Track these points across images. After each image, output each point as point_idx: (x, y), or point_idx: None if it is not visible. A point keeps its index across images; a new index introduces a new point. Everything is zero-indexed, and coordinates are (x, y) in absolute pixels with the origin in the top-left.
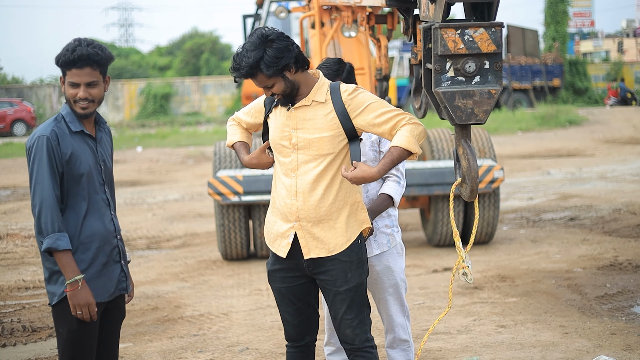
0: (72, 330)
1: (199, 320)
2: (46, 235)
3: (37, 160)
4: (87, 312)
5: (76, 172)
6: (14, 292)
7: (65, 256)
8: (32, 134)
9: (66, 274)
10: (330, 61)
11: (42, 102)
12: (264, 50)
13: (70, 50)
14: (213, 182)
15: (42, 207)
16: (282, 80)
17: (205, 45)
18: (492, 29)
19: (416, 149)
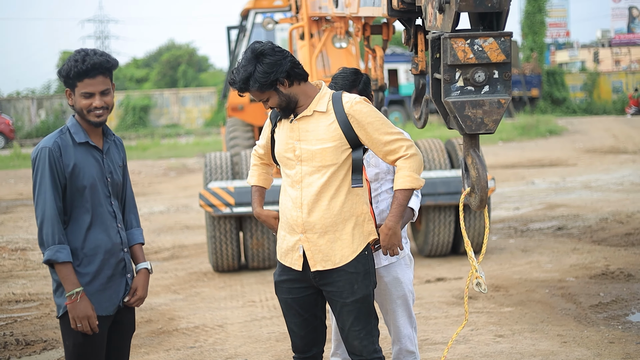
0: (78, 343)
1: (194, 332)
2: (47, 247)
3: (40, 172)
4: (87, 324)
5: (79, 184)
6: (4, 305)
7: (65, 268)
8: (36, 146)
9: (65, 286)
10: (347, 71)
11: (20, 114)
12: (255, 66)
13: (80, 60)
14: (204, 193)
15: (43, 219)
16: (276, 94)
17: (182, 57)
18: (502, 39)
19: (419, 183)
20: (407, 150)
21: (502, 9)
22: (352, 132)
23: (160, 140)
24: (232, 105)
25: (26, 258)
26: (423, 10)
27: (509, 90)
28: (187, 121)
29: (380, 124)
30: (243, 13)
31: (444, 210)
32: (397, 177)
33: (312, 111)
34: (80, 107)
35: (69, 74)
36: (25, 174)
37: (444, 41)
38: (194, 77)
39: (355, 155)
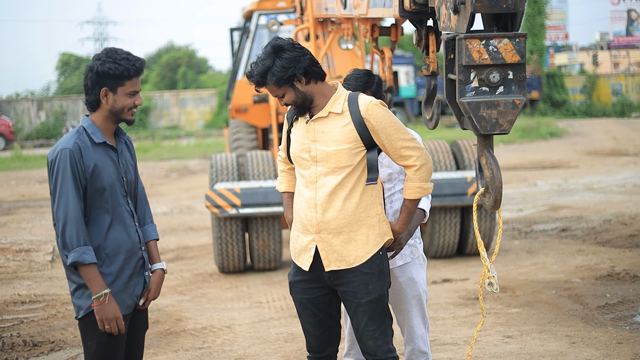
0: (102, 343)
1: (202, 333)
2: (71, 249)
3: (61, 174)
4: (115, 326)
5: (99, 184)
6: (10, 306)
7: (91, 270)
8: (54, 147)
9: (92, 288)
10: (360, 72)
11: (20, 116)
12: (274, 60)
13: (122, 62)
14: (211, 194)
15: (66, 221)
16: (292, 91)
17: (182, 59)
18: (517, 40)
19: (426, 192)
20: (417, 160)
21: (517, 10)
22: (367, 133)
23: (161, 142)
24: (235, 107)
25: (30, 259)
26: (437, 11)
27: (524, 91)
28: (187, 123)
29: (395, 130)
30: (246, 15)
31: (449, 212)
32: (406, 187)
33: (328, 112)
34: (123, 106)
35: (122, 74)
36: (26, 175)
37: (459, 42)
38: (193, 79)
39: (370, 156)
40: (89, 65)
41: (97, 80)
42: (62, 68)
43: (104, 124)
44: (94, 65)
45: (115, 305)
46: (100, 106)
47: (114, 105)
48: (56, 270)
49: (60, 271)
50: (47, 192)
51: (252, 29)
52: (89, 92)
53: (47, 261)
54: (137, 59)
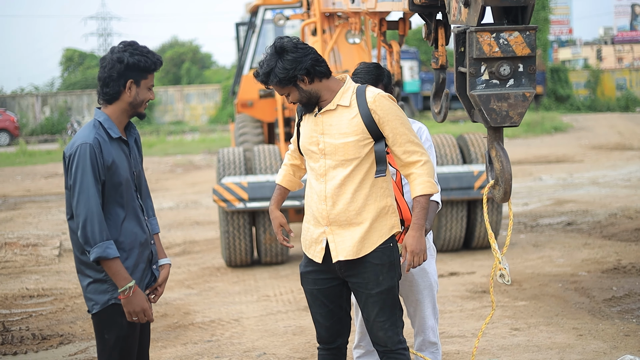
0: (121, 336)
1: (210, 326)
2: (94, 245)
3: (81, 169)
4: (143, 317)
5: (116, 179)
6: (19, 300)
7: (115, 264)
8: (71, 142)
9: (118, 281)
10: (370, 66)
11: (25, 111)
12: (277, 62)
13: (150, 55)
14: (218, 188)
15: (87, 217)
16: (296, 90)
17: (186, 54)
18: (527, 33)
19: (436, 188)
20: (422, 156)
21: (527, 3)
22: (374, 125)
23: (165, 137)
24: (241, 102)
25: (38, 254)
26: (447, 5)
27: (534, 84)
28: (192, 118)
29: (400, 124)
30: (252, 9)
31: (456, 205)
32: (416, 183)
33: (336, 105)
34: (143, 99)
35: (150, 67)
36: (31, 170)
37: (469, 35)
38: (197, 74)
39: (377, 147)
40: (115, 57)
41: (124, 72)
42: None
43: (119, 117)
44: (122, 57)
45: (142, 296)
46: (119, 98)
47: (135, 98)
48: (63, 265)
49: (67, 265)
50: (52, 187)
51: (257, 23)
52: (112, 84)
53: (54, 255)
54: (157, 54)
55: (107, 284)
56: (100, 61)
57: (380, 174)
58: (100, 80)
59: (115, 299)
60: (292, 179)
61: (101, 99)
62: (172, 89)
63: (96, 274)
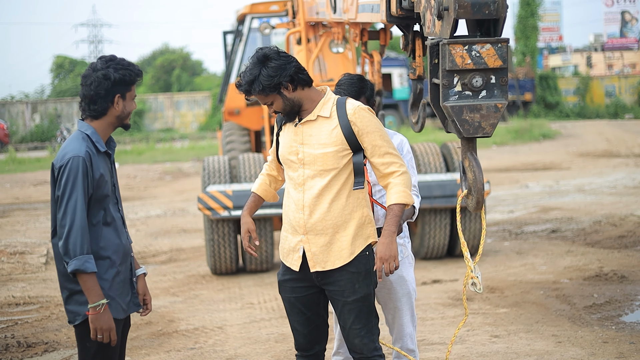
0: (103, 345)
1: (194, 334)
2: (73, 257)
3: (71, 181)
4: (108, 336)
5: (102, 193)
6: (5, 308)
7: (91, 279)
8: (62, 153)
9: (90, 297)
10: (353, 78)
11: (14, 119)
12: (260, 70)
13: (132, 68)
14: (203, 197)
15: (72, 228)
16: (280, 98)
17: (176, 61)
18: (499, 45)
19: (411, 199)
20: (400, 167)
21: (499, 16)
22: (353, 137)
23: (155, 145)
24: (228, 110)
25: (25, 261)
26: (422, 17)
27: (506, 95)
28: (182, 125)
29: (379, 136)
30: (239, 18)
31: (439, 213)
32: (391, 192)
33: (316, 116)
34: (129, 110)
35: (134, 79)
36: (20, 178)
37: (442, 47)
38: (188, 81)
39: (355, 159)
40: (101, 74)
41: (112, 88)
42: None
43: (105, 130)
44: (108, 74)
45: (110, 316)
46: (106, 114)
47: (123, 111)
48: (50, 273)
49: (54, 273)
50: (41, 194)
51: (245, 32)
52: (99, 101)
53: (41, 263)
54: (137, 65)
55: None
56: (83, 78)
57: (358, 186)
58: (87, 98)
59: None
60: (268, 189)
61: (87, 115)
62: (162, 96)
63: (75, 286)
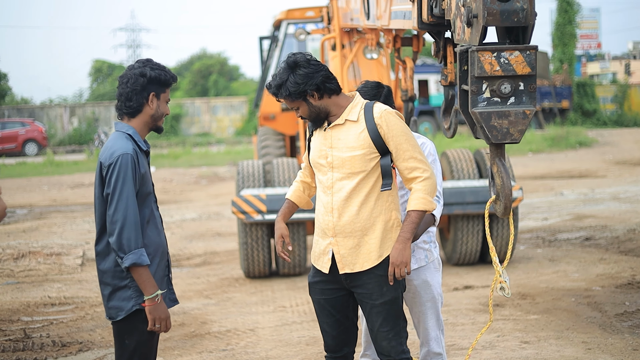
0: (142, 341)
1: (226, 335)
2: (128, 252)
3: (122, 178)
4: (165, 325)
5: (146, 190)
6: (40, 308)
7: (146, 272)
8: (109, 152)
9: (147, 289)
10: (369, 84)
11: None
12: (289, 75)
13: (167, 70)
14: (237, 200)
15: (125, 224)
16: (306, 105)
17: (214, 66)
18: (527, 52)
19: (432, 206)
20: (423, 173)
21: (527, 24)
22: (380, 140)
23: (191, 149)
24: (264, 115)
25: (61, 262)
26: (452, 24)
27: (534, 102)
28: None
29: (405, 140)
30: (275, 24)
31: (472, 220)
32: (412, 198)
33: (344, 120)
34: (162, 112)
35: (169, 81)
36: (58, 180)
37: (471, 54)
38: (225, 86)
39: (383, 162)
40: (137, 72)
41: (147, 85)
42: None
43: (142, 130)
44: (144, 71)
45: (165, 306)
46: (142, 111)
47: (157, 110)
48: (86, 274)
49: (89, 274)
50: (78, 197)
51: (280, 37)
52: (135, 98)
53: (77, 264)
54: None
55: (131, 290)
56: (120, 78)
57: (386, 188)
58: (123, 95)
59: (138, 305)
60: (302, 195)
61: (124, 112)
62: (198, 100)
63: (120, 282)
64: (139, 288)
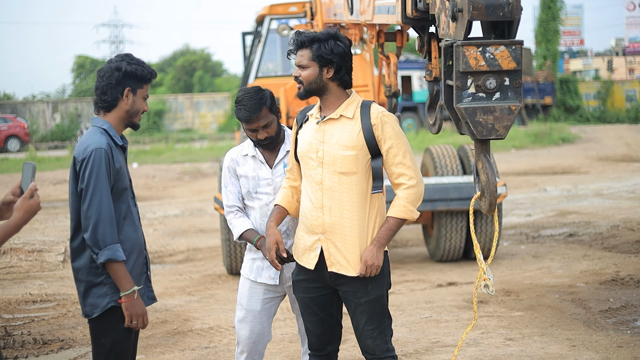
0: (118, 340)
1: (209, 333)
2: (103, 247)
3: (95, 173)
4: (142, 321)
5: (122, 185)
6: (22, 305)
7: (122, 268)
8: (83, 146)
9: (123, 285)
10: (250, 91)
11: (35, 118)
12: (329, 40)
13: (145, 66)
14: (219, 197)
15: (99, 219)
16: (317, 72)
17: (197, 62)
18: (513, 47)
19: (412, 215)
20: (410, 180)
21: (513, 18)
22: (373, 141)
23: (174, 145)
24: None
25: (42, 259)
26: (436, 19)
27: (520, 97)
28: (201, 126)
29: (397, 144)
30: (258, 19)
31: (456, 216)
32: (393, 205)
33: (339, 115)
34: (138, 108)
35: (146, 76)
36: (40, 177)
37: (456, 49)
38: (209, 82)
39: (374, 164)
40: (114, 65)
41: (122, 80)
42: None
43: (118, 125)
44: (120, 65)
45: (142, 302)
46: (117, 106)
47: (132, 106)
48: (67, 271)
49: (71, 271)
50: (60, 193)
51: (263, 33)
52: (109, 92)
53: (58, 261)
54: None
55: (106, 287)
56: (98, 72)
57: (376, 190)
58: (98, 89)
59: (114, 302)
60: (291, 201)
61: (99, 107)
62: (181, 96)
63: (95, 278)
64: (114, 285)
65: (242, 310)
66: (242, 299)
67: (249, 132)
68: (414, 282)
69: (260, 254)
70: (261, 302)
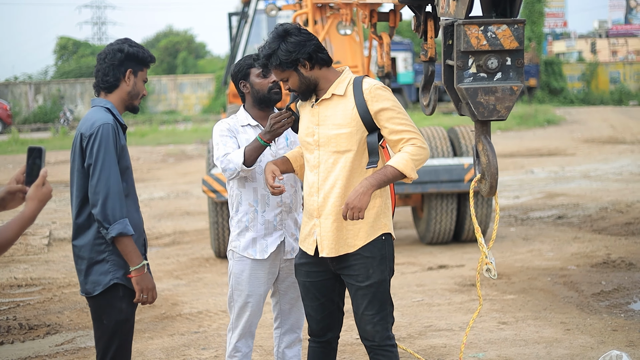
0: (121, 320)
1: (198, 317)
2: (113, 222)
3: (104, 148)
4: (152, 295)
5: (124, 164)
6: (7, 290)
7: (131, 242)
8: (89, 123)
9: (132, 259)
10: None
11: (17, 99)
12: (279, 44)
13: (145, 50)
14: (207, 179)
15: (108, 194)
16: (296, 75)
17: (181, 44)
18: (515, 26)
19: (412, 174)
20: (417, 142)
21: None
22: (368, 116)
23: (158, 127)
24: (233, 92)
25: (27, 243)
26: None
27: (522, 78)
28: (185, 108)
29: (395, 113)
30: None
31: (446, 198)
32: (395, 156)
33: (331, 94)
34: (139, 90)
35: (147, 59)
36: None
37: (457, 28)
38: (192, 63)
39: (370, 139)
40: (116, 47)
41: (124, 61)
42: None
43: (119, 106)
44: (122, 47)
45: (151, 276)
46: (118, 87)
47: (134, 87)
48: (52, 254)
49: (56, 255)
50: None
51: (250, 13)
52: (112, 72)
53: (43, 245)
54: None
55: (109, 264)
56: (98, 56)
57: (371, 165)
58: (100, 71)
59: (117, 279)
60: (297, 157)
61: (101, 88)
62: (165, 78)
63: (97, 255)
64: (117, 262)
65: (243, 295)
66: (242, 285)
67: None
68: (404, 265)
69: (262, 231)
70: (265, 284)
